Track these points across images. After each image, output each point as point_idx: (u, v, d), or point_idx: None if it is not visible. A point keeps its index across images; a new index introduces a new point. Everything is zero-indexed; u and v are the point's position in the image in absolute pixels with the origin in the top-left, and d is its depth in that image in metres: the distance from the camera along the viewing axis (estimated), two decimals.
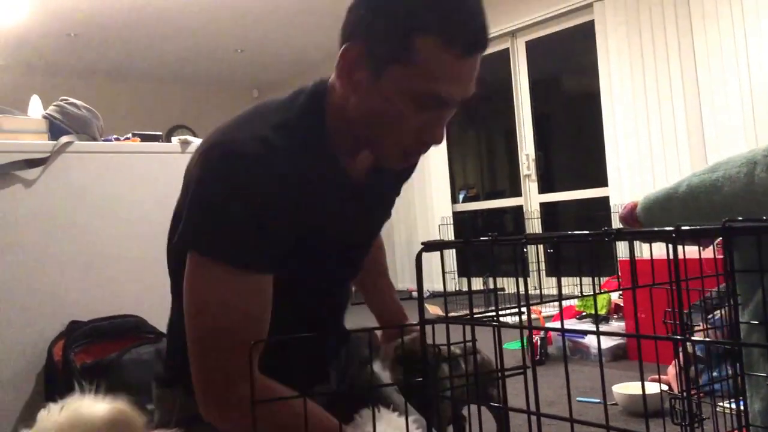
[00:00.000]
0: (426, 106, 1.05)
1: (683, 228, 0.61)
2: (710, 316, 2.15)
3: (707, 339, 0.86)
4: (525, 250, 0.72)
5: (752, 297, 1.17)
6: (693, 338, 0.62)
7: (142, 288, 2.60)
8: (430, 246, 0.91)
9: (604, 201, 5.04)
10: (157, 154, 2.70)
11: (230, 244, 1.03)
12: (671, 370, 2.44)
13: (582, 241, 0.72)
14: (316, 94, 1.14)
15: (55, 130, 2.50)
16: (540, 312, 3.87)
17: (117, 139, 2.69)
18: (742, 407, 1.16)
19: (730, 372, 1.48)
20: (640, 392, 2.29)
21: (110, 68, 7.66)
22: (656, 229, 0.62)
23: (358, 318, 1.65)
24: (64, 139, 2.43)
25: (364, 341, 1.51)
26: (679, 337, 0.62)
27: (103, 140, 2.64)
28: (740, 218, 0.57)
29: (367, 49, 1.05)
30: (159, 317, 2.51)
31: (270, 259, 1.06)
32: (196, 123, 8.25)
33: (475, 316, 0.89)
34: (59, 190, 2.44)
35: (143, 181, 2.65)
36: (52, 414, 0.91)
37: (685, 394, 1.41)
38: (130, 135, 2.73)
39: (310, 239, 1.11)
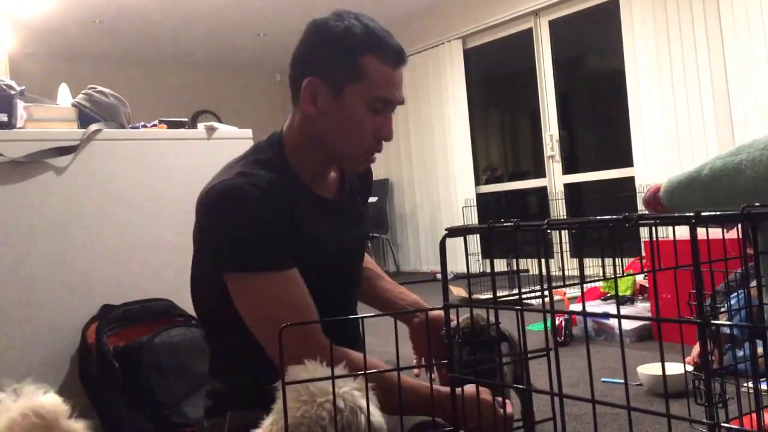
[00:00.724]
0: (378, 110, 1.35)
1: (703, 214, 0.62)
2: (734, 295, 2.14)
3: (728, 322, 0.87)
4: (548, 232, 0.73)
5: None
6: (714, 321, 0.63)
7: (171, 272, 2.64)
8: (453, 231, 0.93)
9: (630, 181, 5.00)
10: (183, 141, 2.73)
11: (258, 254, 1.26)
12: (696, 350, 2.44)
13: (603, 226, 0.74)
14: (275, 140, 1.43)
15: (84, 118, 2.54)
16: (564, 293, 3.87)
17: (144, 126, 2.72)
18: (765, 387, 1.16)
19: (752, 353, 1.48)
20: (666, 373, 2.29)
21: (135, 55, 7.72)
22: (676, 215, 0.63)
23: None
24: (93, 127, 2.47)
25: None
26: (699, 320, 0.63)
27: (131, 127, 2.68)
28: (758, 204, 0.58)
29: (325, 78, 1.34)
30: (188, 300, 2.55)
31: (291, 258, 1.28)
32: (220, 108, 8.31)
33: (498, 299, 0.91)
34: (89, 177, 2.49)
35: (170, 167, 2.69)
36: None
37: (711, 377, 1.42)
38: (156, 122, 2.76)
39: (304, 255, 1.31)
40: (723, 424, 0.61)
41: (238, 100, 8.50)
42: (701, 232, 0.99)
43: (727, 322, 0.71)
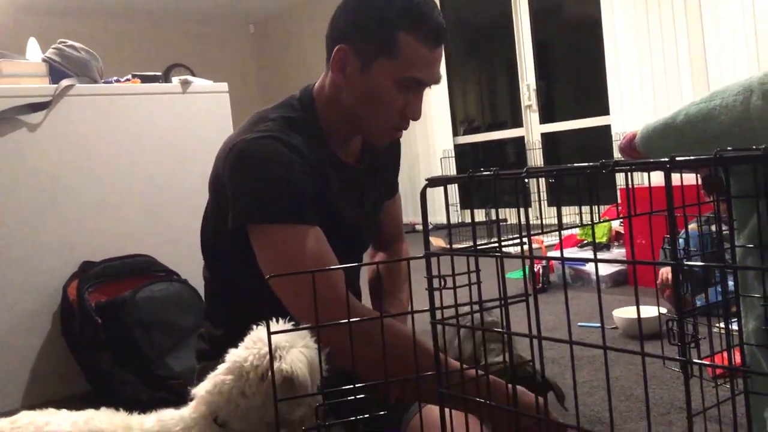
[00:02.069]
0: (407, 88, 1.30)
1: (677, 159, 0.64)
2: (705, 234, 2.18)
3: (700, 263, 0.89)
4: (526, 182, 0.75)
5: (747, 222, 1.20)
6: (688, 263, 0.66)
7: (150, 228, 2.64)
8: (434, 182, 0.94)
9: (606, 130, 5.02)
10: (158, 95, 2.70)
11: (285, 207, 1.23)
12: (664, 272, 2.49)
13: (580, 173, 0.75)
14: (306, 97, 1.39)
15: (55, 73, 2.49)
16: (542, 241, 3.93)
17: (117, 81, 2.68)
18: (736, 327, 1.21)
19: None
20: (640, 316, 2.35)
21: (103, 6, 7.53)
22: (651, 160, 0.65)
23: None
24: (65, 82, 2.43)
25: None
26: (672, 262, 0.65)
27: (104, 82, 2.64)
28: (730, 148, 0.59)
29: (357, 48, 1.29)
30: (169, 256, 2.57)
31: (314, 215, 1.26)
32: (192, 61, 8.14)
33: (478, 247, 0.93)
34: (63, 133, 2.45)
35: (146, 122, 2.66)
36: None
37: (684, 317, 1.46)
38: (129, 76, 2.72)
39: (322, 221, 1.28)
40: (694, 361, 0.64)
41: (212, 53, 8.35)
42: (676, 178, 1.01)
43: (699, 263, 0.73)
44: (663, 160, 0.64)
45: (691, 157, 0.63)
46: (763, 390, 1.20)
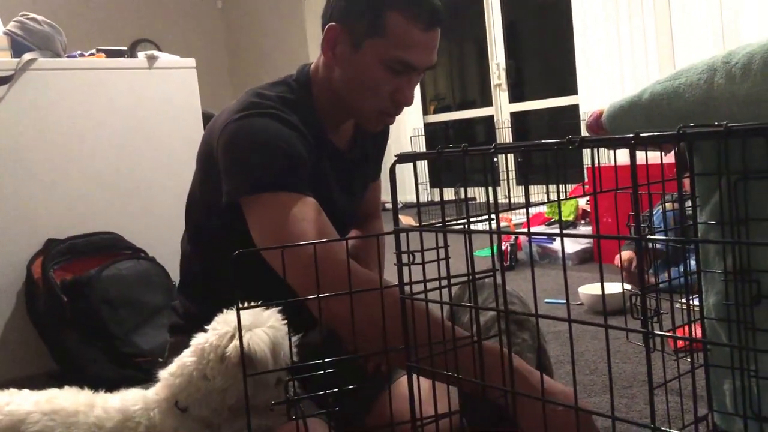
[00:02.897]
0: (398, 71, 1.26)
1: (642, 135, 0.65)
2: (668, 212, 2.23)
3: (664, 237, 0.91)
4: (495, 159, 0.75)
5: (710, 198, 1.22)
6: (650, 237, 0.67)
7: (116, 205, 2.61)
8: (403, 157, 0.94)
9: (574, 109, 5.06)
10: (123, 70, 2.65)
11: (282, 176, 1.19)
12: (625, 254, 2.53)
13: (548, 149, 0.76)
14: (303, 76, 1.36)
15: (17, 46, 2.43)
16: (510, 220, 3.96)
17: (81, 55, 2.63)
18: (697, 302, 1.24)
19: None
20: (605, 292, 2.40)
21: None
22: (617, 136, 0.66)
23: None
24: (27, 56, 2.37)
25: None
26: (635, 236, 0.67)
27: (68, 56, 2.58)
28: (692, 124, 0.61)
29: (347, 27, 1.26)
30: (135, 233, 2.54)
31: (310, 189, 1.22)
32: (159, 36, 8.00)
33: (446, 224, 0.94)
34: (26, 108, 2.40)
35: (111, 98, 2.61)
36: None
37: (647, 292, 1.49)
38: (94, 51, 2.67)
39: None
40: (655, 332, 0.66)
41: (178, 28, 8.20)
42: (640, 157, 1.03)
43: (662, 237, 0.74)
44: (628, 136, 0.65)
45: (655, 133, 0.64)
46: (722, 363, 1.24)
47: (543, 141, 0.76)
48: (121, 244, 2.45)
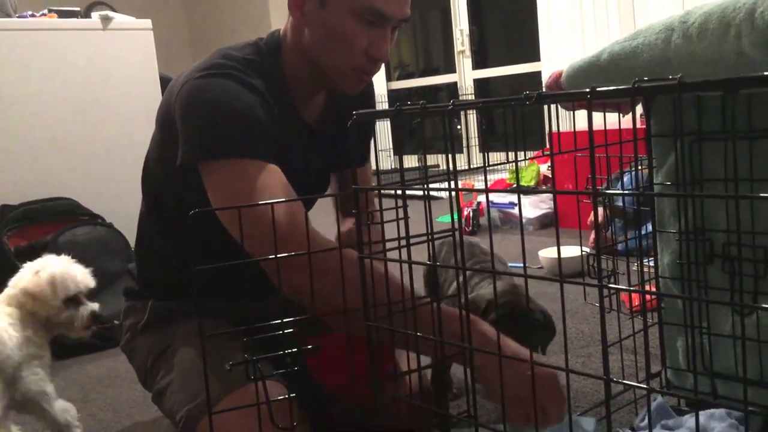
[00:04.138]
0: (371, 23, 1.19)
1: (598, 90, 0.65)
2: (626, 173, 2.26)
3: (618, 191, 0.92)
4: (458, 126, 0.74)
5: (666, 160, 1.24)
6: (605, 191, 0.67)
7: (72, 170, 2.55)
8: (362, 116, 0.93)
9: (537, 76, 5.08)
10: (77, 32, 2.58)
11: (244, 143, 1.14)
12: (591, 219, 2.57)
13: (505, 105, 0.76)
14: (273, 42, 1.29)
15: None
16: (473, 185, 3.98)
17: (33, 16, 2.54)
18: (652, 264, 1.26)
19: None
20: (564, 256, 2.43)
21: None
22: (573, 91, 0.66)
23: None
24: None
25: None
26: (591, 191, 0.67)
27: (18, 17, 2.50)
28: (646, 78, 0.61)
29: None
30: (92, 199, 2.49)
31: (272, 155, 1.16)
32: None
33: (405, 182, 0.93)
34: None
35: (64, 60, 2.54)
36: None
37: (604, 253, 1.52)
38: (46, 11, 2.58)
39: None
40: (608, 285, 0.66)
41: None
42: (599, 123, 1.03)
43: (616, 192, 0.75)
44: (584, 90, 0.65)
45: (611, 88, 0.64)
46: (675, 321, 1.27)
47: (500, 98, 0.76)
48: (77, 209, 2.40)
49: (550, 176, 3.56)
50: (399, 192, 0.91)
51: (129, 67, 2.70)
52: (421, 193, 0.90)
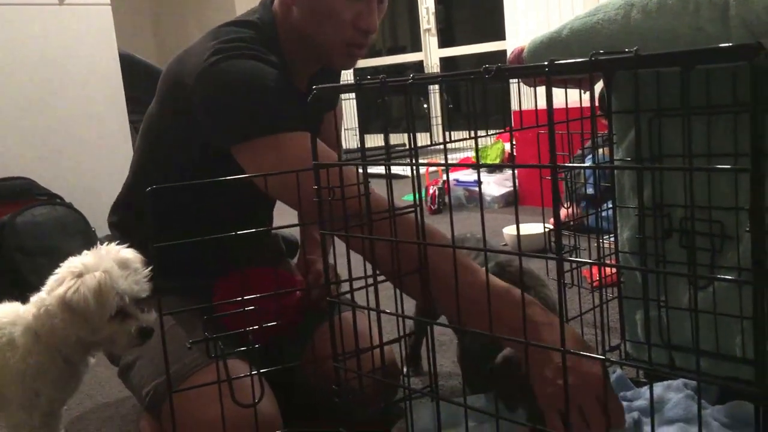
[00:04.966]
0: None
1: (556, 63, 0.65)
2: (589, 156, 2.28)
3: (577, 164, 0.93)
4: (425, 105, 0.74)
5: (626, 136, 1.25)
6: (564, 164, 0.68)
7: (29, 150, 2.49)
8: (321, 90, 0.92)
9: (503, 55, 5.09)
10: (31, 6, 2.51)
11: (277, 115, 1.14)
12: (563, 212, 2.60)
13: (464, 79, 0.75)
14: (268, 17, 1.29)
15: None
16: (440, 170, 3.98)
17: None
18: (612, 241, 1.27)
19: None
20: (527, 233, 2.45)
21: None
22: (532, 64, 0.65)
23: None
24: None
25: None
26: (550, 165, 0.67)
27: None
28: (602, 51, 0.61)
29: None
30: (50, 179, 2.44)
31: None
32: None
33: (367, 156, 0.93)
34: None
35: (18, 35, 2.47)
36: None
37: (565, 229, 1.53)
38: None
39: None
40: (568, 259, 0.67)
41: None
42: (560, 102, 1.04)
43: (576, 165, 0.76)
44: (542, 63, 0.65)
45: (569, 61, 0.64)
46: (634, 295, 1.29)
47: (460, 72, 0.75)
48: (35, 189, 2.35)
49: (515, 155, 3.58)
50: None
51: (87, 44, 2.64)
52: (384, 171, 0.89)
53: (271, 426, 1.08)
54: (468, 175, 3.58)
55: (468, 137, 0.98)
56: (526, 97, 3.47)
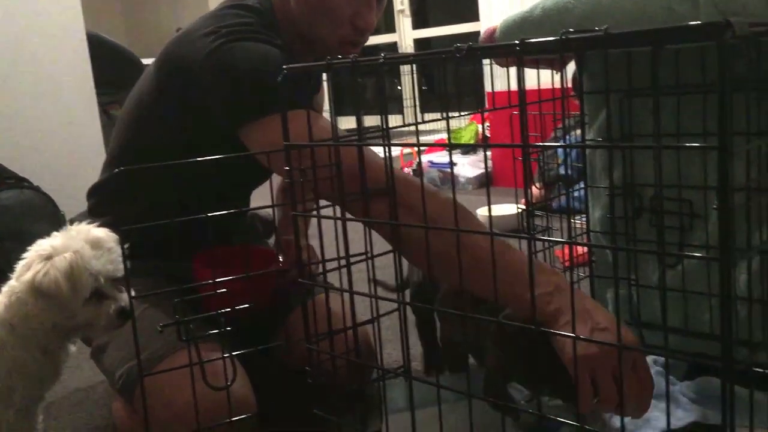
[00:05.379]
0: None
1: (526, 41, 0.64)
2: (566, 137, 2.30)
3: (547, 143, 0.93)
4: (399, 87, 0.73)
5: (597, 116, 1.26)
6: (534, 144, 0.68)
7: None
8: (293, 70, 0.91)
9: (477, 36, 5.08)
10: None
11: (290, 93, 1.08)
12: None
13: (436, 59, 0.75)
14: (267, 4, 1.27)
15: None
16: (414, 150, 3.98)
17: None
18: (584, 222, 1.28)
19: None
20: (500, 213, 2.47)
21: None
22: (503, 43, 0.65)
23: None
24: None
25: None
26: (521, 144, 0.67)
27: None
28: (572, 29, 0.61)
29: None
30: (16, 161, 2.39)
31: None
32: None
33: (340, 137, 0.92)
34: None
35: None
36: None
37: (537, 209, 1.55)
38: None
39: None
40: (539, 238, 0.67)
41: None
42: (533, 82, 1.04)
43: (545, 144, 0.76)
44: (513, 42, 0.64)
45: (539, 39, 0.64)
46: (605, 274, 1.30)
47: (430, 51, 0.75)
48: (2, 172, 2.30)
49: (489, 136, 3.59)
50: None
51: (52, 23, 2.58)
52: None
53: (245, 408, 1.07)
54: (442, 157, 3.59)
55: (441, 118, 0.97)
56: (499, 80, 3.48)
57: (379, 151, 0.95)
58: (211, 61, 1.16)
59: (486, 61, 3.47)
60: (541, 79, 1.14)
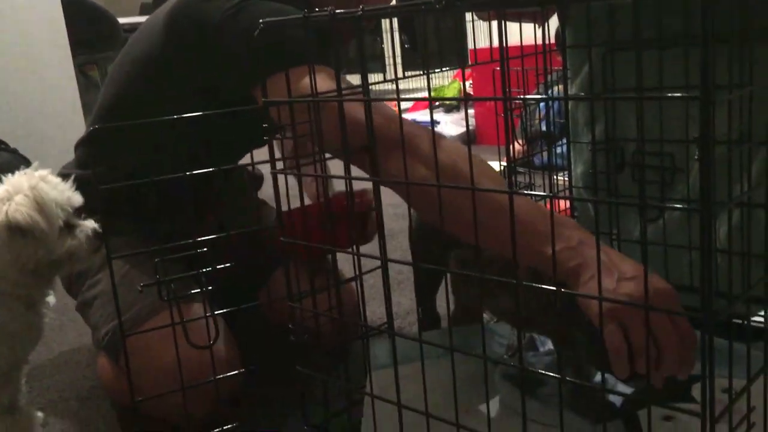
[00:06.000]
0: None
1: None
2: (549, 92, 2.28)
3: (528, 96, 0.92)
4: (382, 45, 0.72)
5: (580, 71, 1.25)
6: (515, 97, 0.67)
7: None
8: (269, 24, 0.89)
9: None
10: None
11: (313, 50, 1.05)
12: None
13: (414, 11, 0.73)
14: None
15: None
16: (395, 104, 3.95)
17: None
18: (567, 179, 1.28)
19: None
20: None
21: None
22: None
23: None
24: None
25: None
26: (502, 97, 0.66)
27: None
28: None
29: None
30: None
31: None
32: None
33: (319, 93, 0.91)
34: None
35: None
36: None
37: (520, 165, 1.54)
38: None
39: None
40: (519, 192, 0.67)
41: None
42: (516, 38, 1.02)
43: (526, 96, 0.75)
44: None
45: None
46: (587, 229, 1.30)
47: (411, 2, 0.73)
48: None
49: (472, 93, 3.57)
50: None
51: None
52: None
53: (229, 366, 1.08)
54: (425, 115, 3.57)
55: (422, 73, 0.96)
56: (483, 35, 3.44)
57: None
58: (235, 19, 1.15)
59: (468, 19, 3.43)
60: (524, 34, 1.13)
